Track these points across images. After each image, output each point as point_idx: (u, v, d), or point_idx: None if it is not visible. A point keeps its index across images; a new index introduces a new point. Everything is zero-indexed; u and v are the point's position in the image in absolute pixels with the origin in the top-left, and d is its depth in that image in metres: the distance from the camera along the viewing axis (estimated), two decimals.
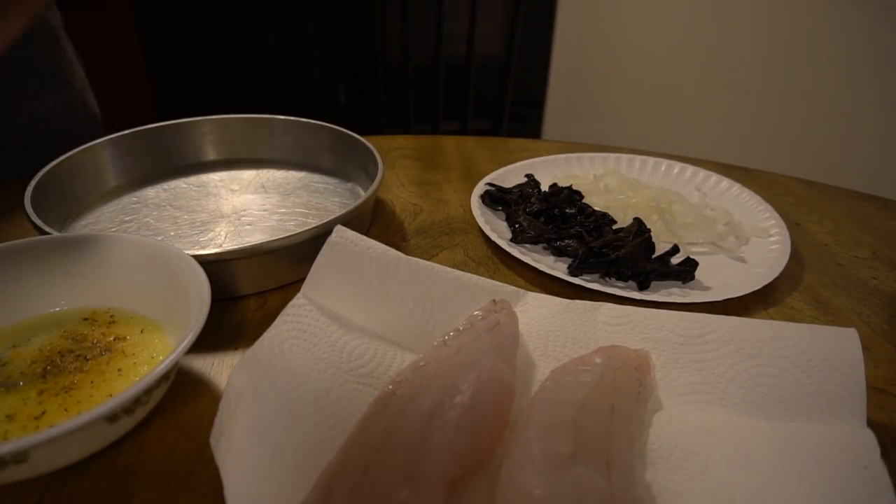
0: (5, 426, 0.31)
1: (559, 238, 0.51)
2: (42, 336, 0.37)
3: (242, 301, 0.45)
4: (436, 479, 0.25)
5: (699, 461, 0.30)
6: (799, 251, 0.55)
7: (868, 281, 0.51)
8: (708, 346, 0.35)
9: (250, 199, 0.58)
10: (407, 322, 0.38)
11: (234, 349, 0.40)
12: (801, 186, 0.69)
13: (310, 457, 0.28)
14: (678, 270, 0.47)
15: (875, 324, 0.45)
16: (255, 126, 0.66)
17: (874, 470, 0.28)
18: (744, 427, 0.31)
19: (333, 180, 0.63)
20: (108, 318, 0.39)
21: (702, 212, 0.57)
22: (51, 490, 0.30)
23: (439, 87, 1.23)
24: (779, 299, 0.48)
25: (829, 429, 0.31)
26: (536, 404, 0.30)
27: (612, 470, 0.27)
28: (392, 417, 0.28)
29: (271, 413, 0.29)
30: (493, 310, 0.37)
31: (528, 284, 0.48)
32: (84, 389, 0.33)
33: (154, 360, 0.35)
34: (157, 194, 0.59)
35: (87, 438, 0.29)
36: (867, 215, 0.63)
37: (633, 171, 0.68)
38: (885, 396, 0.38)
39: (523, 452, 0.27)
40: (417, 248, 0.53)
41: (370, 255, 0.39)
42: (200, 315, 0.32)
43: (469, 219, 0.57)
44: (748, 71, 1.34)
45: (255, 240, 0.44)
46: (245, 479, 0.26)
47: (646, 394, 0.33)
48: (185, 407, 0.35)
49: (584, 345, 0.37)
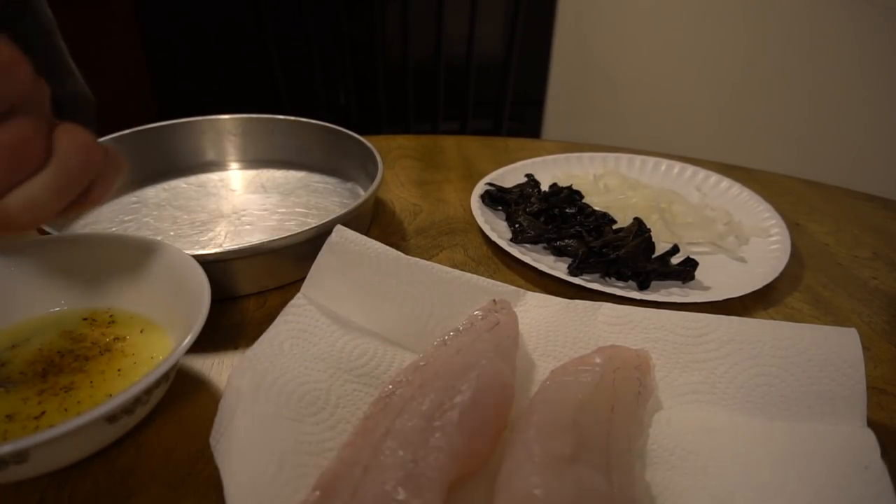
0: (5, 426, 0.31)
1: (559, 238, 0.51)
2: (42, 336, 0.37)
3: (242, 301, 0.45)
4: (436, 479, 0.25)
5: (699, 461, 0.30)
6: (799, 251, 0.55)
7: (868, 281, 0.51)
8: (708, 346, 0.35)
9: (250, 199, 0.58)
10: (407, 322, 0.38)
11: (234, 349, 0.40)
12: (802, 186, 0.69)
13: (310, 457, 0.28)
14: (678, 270, 0.47)
15: (875, 324, 0.45)
16: (255, 126, 0.66)
17: (875, 470, 0.28)
18: (744, 427, 0.31)
19: (333, 180, 0.63)
20: (108, 318, 0.39)
21: (702, 212, 0.57)
22: (51, 490, 0.30)
23: (439, 86, 1.23)
24: (779, 299, 0.48)
25: (829, 429, 0.31)
26: (536, 404, 0.30)
27: (612, 470, 0.27)
28: (392, 417, 0.28)
29: (271, 413, 0.29)
30: (493, 310, 0.37)
31: (528, 284, 0.48)
32: (84, 389, 0.33)
33: (154, 360, 0.35)
34: (157, 194, 0.59)
35: (87, 438, 0.29)
36: (867, 215, 0.63)
37: (633, 170, 0.68)
38: (886, 396, 0.38)
39: (523, 452, 0.27)
40: (417, 247, 0.53)
41: (370, 254, 0.39)
42: (200, 315, 0.32)
43: (469, 219, 0.57)
44: (748, 71, 1.34)
45: (254, 240, 0.44)
46: (245, 478, 0.26)
47: (646, 394, 0.33)
48: (185, 407, 0.35)
49: (584, 345, 0.37)
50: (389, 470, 0.25)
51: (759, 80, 1.32)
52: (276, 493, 0.26)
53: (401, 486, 0.25)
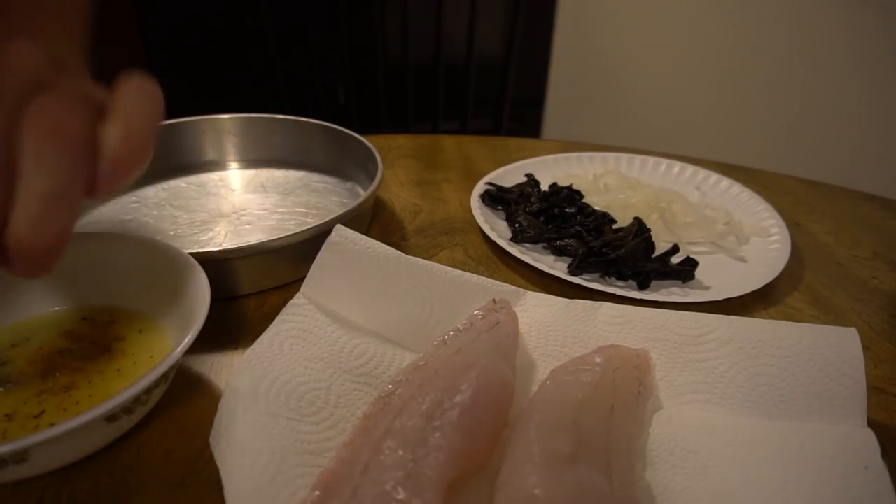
0: (4, 425, 0.31)
1: (559, 237, 0.51)
2: (41, 335, 0.37)
3: (242, 301, 0.45)
4: (436, 479, 0.25)
5: (699, 461, 0.30)
6: (799, 251, 0.55)
7: (868, 280, 0.51)
8: (708, 346, 0.35)
9: (250, 199, 0.58)
10: (407, 321, 0.38)
11: (234, 349, 0.40)
12: (802, 186, 0.69)
13: (310, 456, 0.28)
14: (678, 270, 0.47)
15: (875, 323, 0.45)
16: (255, 125, 0.66)
17: (875, 470, 0.28)
18: (744, 427, 0.31)
19: (333, 179, 0.63)
20: (108, 317, 0.39)
21: (702, 211, 0.57)
22: (50, 489, 0.30)
23: (439, 86, 1.23)
24: (779, 299, 0.48)
25: (829, 428, 0.31)
26: (536, 404, 0.30)
27: (612, 469, 0.27)
28: (392, 417, 0.28)
29: (271, 413, 0.29)
30: (492, 309, 0.37)
31: (528, 284, 0.48)
32: (83, 389, 0.33)
33: (153, 359, 0.35)
34: (157, 193, 0.59)
35: (86, 438, 0.29)
36: (867, 215, 0.63)
37: (633, 170, 0.67)
38: (886, 396, 0.38)
39: (523, 452, 0.27)
40: (417, 247, 0.53)
41: (370, 254, 0.39)
42: (200, 315, 0.32)
43: (469, 218, 0.57)
44: (748, 70, 1.34)
45: (254, 239, 0.44)
46: (245, 478, 0.26)
47: (646, 393, 0.33)
48: (184, 407, 0.35)
49: (584, 344, 0.37)
50: (389, 469, 0.25)
51: (758, 79, 1.32)
52: (276, 492, 0.26)
53: (400, 485, 0.25)
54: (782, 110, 1.28)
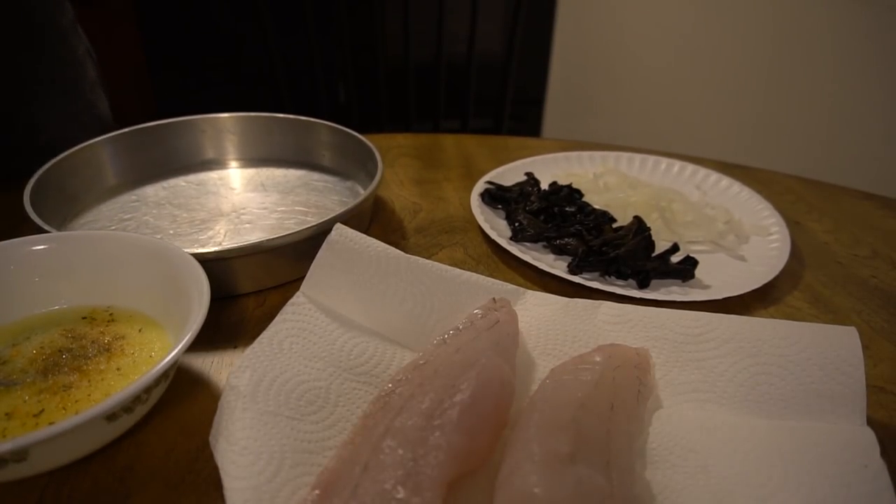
0: (4, 424, 0.31)
1: (559, 236, 0.51)
2: (41, 334, 0.37)
3: (242, 299, 0.45)
4: (435, 478, 0.25)
5: (699, 460, 0.30)
6: (799, 250, 0.55)
7: (868, 279, 0.51)
8: (708, 345, 0.35)
9: (250, 198, 0.58)
10: (406, 320, 0.38)
11: (234, 348, 0.40)
12: (801, 185, 0.69)
13: (309, 455, 0.28)
14: (678, 269, 0.47)
15: (875, 322, 0.45)
16: (255, 124, 0.66)
17: (874, 468, 0.28)
18: (744, 426, 0.31)
19: (333, 178, 0.63)
20: (108, 316, 0.39)
21: (702, 210, 0.57)
22: (51, 488, 0.30)
23: (440, 85, 1.23)
24: (779, 298, 0.48)
25: (829, 427, 0.31)
26: (536, 403, 0.30)
27: (611, 469, 0.27)
28: (392, 416, 0.28)
29: (271, 411, 0.29)
30: (492, 308, 0.37)
31: (528, 283, 0.48)
32: (83, 388, 0.33)
33: (153, 358, 0.35)
34: (157, 192, 0.59)
35: (86, 437, 0.29)
36: (867, 214, 0.63)
37: (632, 169, 0.67)
38: (885, 395, 0.38)
39: (523, 451, 0.27)
40: (417, 246, 0.53)
41: (370, 253, 0.39)
42: (200, 313, 0.32)
43: (469, 217, 0.57)
44: (748, 69, 1.34)
45: (254, 238, 0.44)
46: (245, 477, 0.26)
47: (646, 392, 0.33)
48: (184, 405, 0.35)
49: (584, 343, 0.37)
50: (389, 468, 0.25)
51: (759, 78, 1.32)
52: (276, 491, 0.26)
53: (400, 484, 0.25)
54: (782, 109, 1.28)
